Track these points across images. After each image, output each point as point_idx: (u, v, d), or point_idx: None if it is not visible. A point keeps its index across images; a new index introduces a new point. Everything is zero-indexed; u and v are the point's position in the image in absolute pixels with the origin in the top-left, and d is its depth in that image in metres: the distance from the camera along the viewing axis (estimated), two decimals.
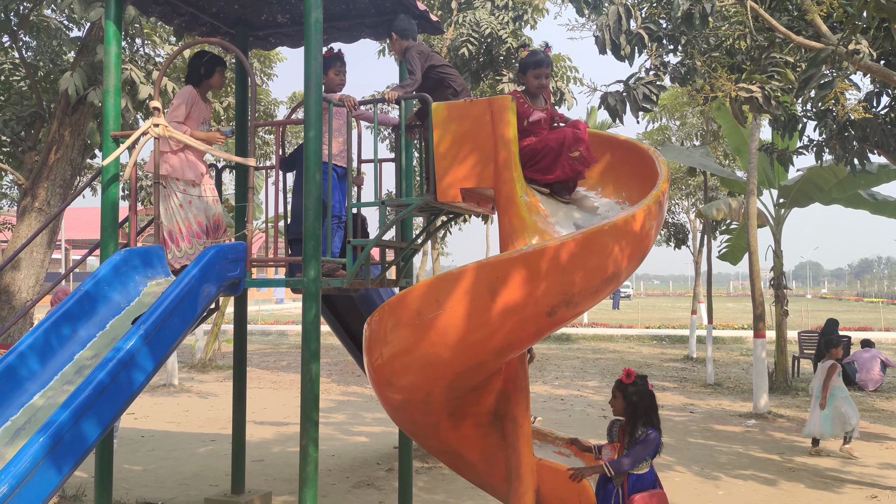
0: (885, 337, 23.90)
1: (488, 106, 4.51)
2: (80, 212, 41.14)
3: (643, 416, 4.40)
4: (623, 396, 4.46)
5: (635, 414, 4.41)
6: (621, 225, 4.15)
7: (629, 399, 4.43)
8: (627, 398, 4.44)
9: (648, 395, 4.45)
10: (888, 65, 6.56)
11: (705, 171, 15.61)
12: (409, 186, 5.55)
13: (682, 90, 15.16)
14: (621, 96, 6.46)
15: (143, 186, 16.50)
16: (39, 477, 3.30)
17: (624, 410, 4.46)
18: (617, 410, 4.52)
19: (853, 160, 7.83)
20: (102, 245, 5.07)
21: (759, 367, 11.15)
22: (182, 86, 5.81)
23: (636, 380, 4.47)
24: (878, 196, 14.40)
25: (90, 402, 3.57)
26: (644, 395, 4.44)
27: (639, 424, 4.40)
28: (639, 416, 4.40)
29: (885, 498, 6.85)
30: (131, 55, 8.31)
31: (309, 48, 4.73)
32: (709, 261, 16.07)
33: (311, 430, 4.57)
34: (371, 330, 4.34)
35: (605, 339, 24.75)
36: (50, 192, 7.65)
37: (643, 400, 4.42)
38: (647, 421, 4.41)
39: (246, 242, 4.87)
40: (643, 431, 4.38)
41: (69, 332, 4.17)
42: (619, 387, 4.49)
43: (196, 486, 7.23)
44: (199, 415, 11.15)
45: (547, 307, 4.00)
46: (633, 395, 4.43)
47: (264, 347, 22.20)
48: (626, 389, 4.45)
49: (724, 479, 7.53)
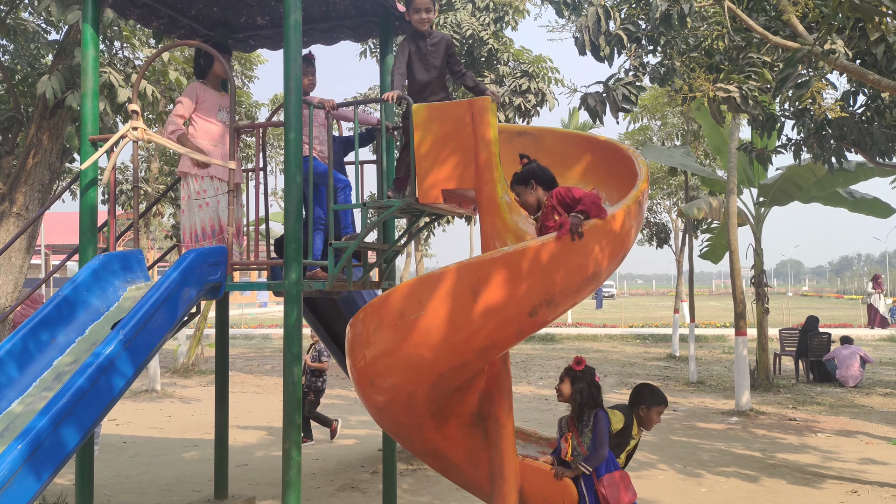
0: (864, 333, 24.17)
1: (469, 107, 4.52)
2: (60, 216, 40.74)
3: (589, 400, 4.56)
4: (571, 382, 4.61)
5: (581, 400, 4.57)
6: (602, 225, 4.17)
7: (577, 385, 4.58)
8: (575, 384, 4.59)
9: (594, 385, 4.62)
10: (864, 64, 6.64)
11: (686, 170, 15.73)
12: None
13: (661, 90, 15.27)
14: (601, 97, 6.49)
15: (123, 191, 16.39)
16: (18, 484, 3.27)
17: (570, 397, 4.61)
18: (563, 396, 4.65)
19: (831, 159, 7.91)
20: (81, 250, 5.03)
21: (740, 365, 11.24)
22: (160, 88, 5.78)
23: (585, 368, 4.64)
24: (857, 194, 14.58)
25: (69, 409, 3.54)
26: (590, 383, 4.60)
27: (585, 409, 4.56)
28: (584, 401, 4.56)
29: (865, 493, 6.93)
30: (110, 58, 8.25)
31: (288, 50, 4.71)
32: (690, 260, 16.19)
33: (294, 434, 4.55)
34: (354, 332, 4.33)
35: (589, 338, 24.85)
36: (28, 197, 7.56)
37: (589, 388, 4.58)
38: (592, 405, 4.56)
39: (227, 246, 4.84)
40: (589, 414, 4.53)
41: (48, 337, 4.13)
42: (569, 373, 4.65)
43: (179, 491, 7.18)
44: (181, 420, 11.08)
45: (528, 307, 4.02)
46: (580, 381, 4.58)
47: (248, 351, 22.09)
48: (574, 375, 4.62)
49: (707, 476, 7.58)
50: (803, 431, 9.77)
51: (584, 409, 4.56)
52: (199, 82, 5.50)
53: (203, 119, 5.35)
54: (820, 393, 13.07)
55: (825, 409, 11.45)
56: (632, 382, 14.52)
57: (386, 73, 6.14)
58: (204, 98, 5.40)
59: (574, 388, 4.59)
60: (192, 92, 5.39)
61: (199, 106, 5.36)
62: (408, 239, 6.29)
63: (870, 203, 14.61)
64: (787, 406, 11.74)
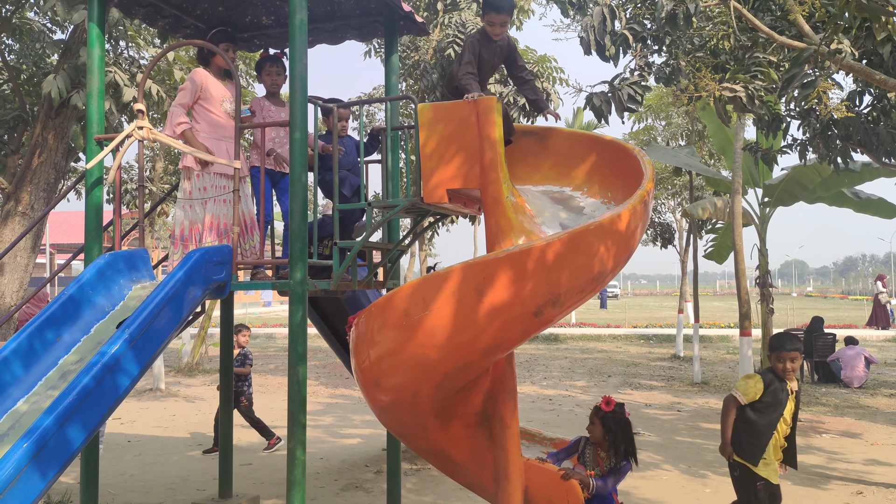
0: (869, 334, 24.10)
1: (474, 107, 4.51)
2: (66, 216, 40.83)
3: (623, 443, 4.56)
4: (601, 423, 4.58)
5: (615, 441, 4.56)
6: (607, 224, 4.17)
7: (608, 426, 4.56)
8: (606, 425, 4.57)
9: (625, 422, 4.59)
10: (870, 64, 6.62)
11: (691, 170, 15.69)
12: (396, 188, 5.55)
13: (666, 90, 15.24)
14: (606, 97, 6.48)
15: (129, 190, 16.42)
16: (24, 483, 3.27)
17: (603, 436, 4.59)
18: (595, 437, 4.64)
19: (836, 159, 7.89)
20: (87, 249, 5.04)
21: (745, 366, 11.21)
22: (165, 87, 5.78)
23: (615, 408, 4.59)
24: (862, 194, 14.53)
25: (75, 407, 3.54)
26: (621, 422, 4.57)
27: (620, 452, 4.57)
28: (619, 443, 4.56)
29: (870, 494, 6.91)
30: (115, 58, 8.26)
31: (294, 50, 4.72)
32: (695, 260, 16.15)
33: (299, 433, 4.55)
34: (358, 331, 4.33)
35: (593, 338, 24.82)
36: (34, 196, 7.58)
37: (621, 427, 4.56)
38: (626, 448, 4.57)
39: (232, 245, 4.84)
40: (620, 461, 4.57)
41: (53, 336, 4.14)
42: (598, 413, 4.61)
43: (183, 490, 7.19)
44: (186, 419, 11.09)
45: (533, 307, 4.01)
46: (611, 422, 4.56)
47: (252, 350, 22.10)
48: (604, 417, 4.58)
49: (712, 476, 7.56)
50: (808, 432, 9.74)
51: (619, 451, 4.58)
52: (203, 70, 5.37)
53: (206, 110, 5.25)
54: (825, 394, 13.03)
55: (830, 410, 11.42)
56: (636, 383, 14.50)
57: (391, 73, 6.14)
58: (207, 86, 5.28)
59: (605, 428, 4.57)
60: (196, 80, 5.26)
61: (202, 94, 5.25)
62: (412, 239, 6.29)
63: (875, 203, 14.55)
64: None
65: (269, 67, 5.68)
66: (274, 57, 5.73)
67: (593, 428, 4.63)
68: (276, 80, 5.67)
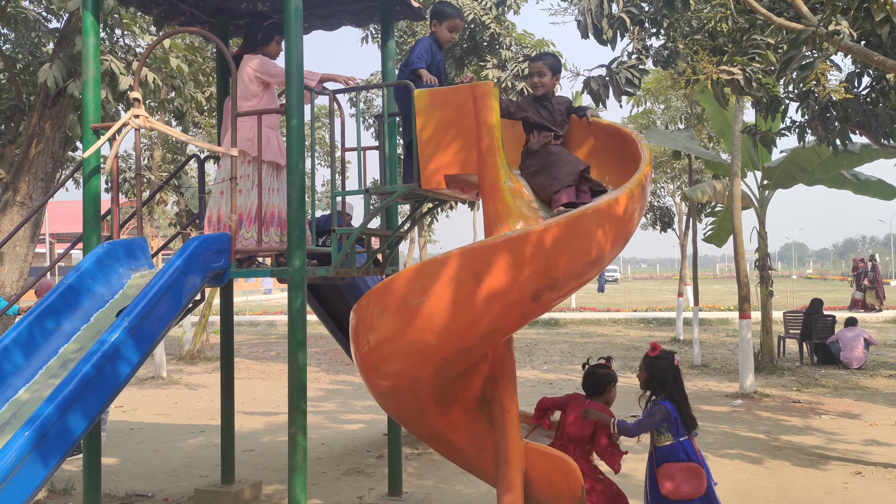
0: (868, 316, 24.15)
1: (471, 92, 4.50)
2: (65, 205, 40.84)
3: (657, 388, 4.65)
4: (646, 368, 4.72)
5: (650, 385, 4.69)
6: (605, 208, 4.17)
7: (651, 371, 4.68)
8: (649, 370, 4.69)
9: (668, 368, 4.64)
10: (868, 45, 6.60)
11: (690, 154, 15.66)
12: (394, 174, 5.54)
13: (665, 74, 15.19)
14: (604, 81, 6.47)
15: (127, 179, 16.39)
16: (26, 471, 3.30)
17: (647, 382, 4.72)
18: (642, 382, 4.76)
19: (835, 141, 7.88)
20: (85, 238, 5.04)
21: (744, 348, 11.25)
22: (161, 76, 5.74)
23: (661, 353, 4.71)
24: (861, 176, 14.52)
25: (76, 396, 3.56)
26: (661, 367, 4.65)
27: (652, 395, 4.68)
28: (653, 387, 4.67)
29: (869, 474, 6.95)
30: (111, 46, 8.23)
31: (289, 37, 4.70)
32: (694, 243, 16.16)
33: (300, 419, 4.58)
34: (357, 317, 4.34)
35: (593, 322, 24.87)
36: (32, 186, 7.58)
37: (660, 373, 4.64)
38: (660, 393, 4.63)
39: (230, 233, 4.85)
40: (652, 403, 4.66)
41: (53, 325, 4.16)
42: (644, 360, 4.76)
43: (186, 477, 7.24)
44: (188, 406, 11.14)
45: (531, 291, 4.02)
46: (652, 367, 4.69)
47: (253, 338, 22.17)
48: (648, 362, 4.72)
49: (711, 458, 7.61)
50: (807, 413, 9.79)
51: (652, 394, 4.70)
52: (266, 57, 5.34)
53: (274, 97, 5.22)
54: (824, 375, 13.08)
55: (829, 392, 11.47)
56: (636, 366, 14.52)
57: (388, 58, 6.12)
58: None
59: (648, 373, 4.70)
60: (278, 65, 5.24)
61: None
62: (411, 225, 6.29)
63: (874, 185, 14.55)
64: (791, 388, 11.76)
65: None
66: None
67: (640, 374, 4.76)
68: None
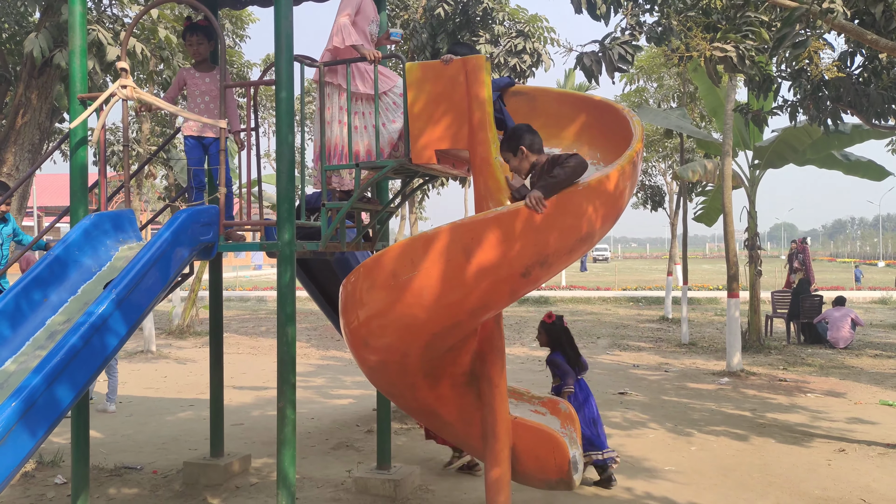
0: (856, 296, 24.35)
1: (462, 66, 4.47)
2: (52, 178, 40.49)
3: (555, 344, 6.13)
4: (545, 332, 6.18)
5: (549, 343, 6.17)
6: (595, 185, 4.16)
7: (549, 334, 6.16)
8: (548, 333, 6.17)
9: (560, 330, 6.13)
10: (862, 24, 6.58)
11: (682, 132, 15.66)
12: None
13: (658, 51, 15.12)
14: (597, 56, 6.43)
15: (115, 152, 16.24)
16: (13, 441, 3.29)
17: (548, 343, 6.17)
18: (542, 342, 6.22)
19: (827, 120, 7.88)
20: (72, 210, 4.99)
21: (732, 327, 11.33)
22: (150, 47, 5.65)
23: (555, 320, 6.18)
24: (852, 157, 14.56)
25: (63, 367, 3.55)
26: (555, 330, 6.13)
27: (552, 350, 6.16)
28: (552, 345, 6.15)
29: (853, 451, 7.04)
30: (98, 16, 8.11)
31: (279, 7, 4.64)
32: (684, 223, 16.20)
33: (288, 393, 4.58)
34: (347, 292, 4.34)
35: (583, 301, 24.98)
36: (18, 157, 7.50)
37: (555, 334, 6.14)
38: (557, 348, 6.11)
39: (219, 206, 4.81)
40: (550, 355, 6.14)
41: (40, 297, 4.13)
42: (542, 325, 6.20)
43: (175, 450, 7.25)
44: (177, 380, 11.15)
45: (521, 267, 4.02)
46: (550, 331, 6.15)
47: (243, 313, 22.16)
48: (547, 328, 6.17)
49: (697, 435, 7.69)
50: (793, 392, 9.89)
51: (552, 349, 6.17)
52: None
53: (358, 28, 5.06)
54: (811, 354, 13.20)
55: (815, 370, 11.58)
56: (625, 344, 14.64)
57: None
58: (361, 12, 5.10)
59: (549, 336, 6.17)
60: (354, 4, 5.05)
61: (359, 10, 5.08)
62: (401, 200, 6.27)
63: (864, 165, 14.60)
64: (778, 367, 11.87)
65: (189, 38, 5.50)
66: (194, 26, 5.52)
67: (540, 336, 6.20)
68: (197, 49, 5.47)
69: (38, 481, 6.23)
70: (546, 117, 5.18)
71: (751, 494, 5.84)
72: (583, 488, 5.88)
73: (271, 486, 6.01)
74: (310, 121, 19.42)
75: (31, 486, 6.09)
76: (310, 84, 5.71)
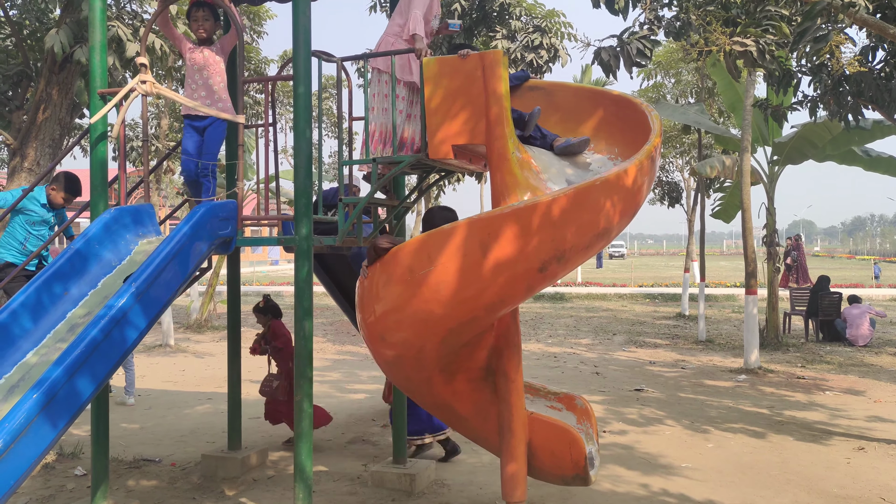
0: (874, 294, 24.10)
1: (480, 61, 4.46)
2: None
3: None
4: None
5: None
6: (613, 180, 4.14)
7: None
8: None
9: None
10: (884, 18, 6.49)
11: (700, 128, 15.54)
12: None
13: (676, 46, 15.01)
14: (615, 51, 6.39)
15: (134, 147, 16.38)
16: (34, 433, 3.33)
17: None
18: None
19: (847, 116, 7.78)
20: (92, 204, 5.04)
21: (750, 324, 11.25)
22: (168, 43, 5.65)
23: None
24: (872, 153, 14.38)
25: (83, 359, 3.59)
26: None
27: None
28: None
29: (872, 449, 6.98)
30: (118, 12, 8.17)
31: (297, 2, 4.65)
32: (702, 219, 16.09)
33: (306, 386, 4.61)
34: (364, 287, 4.35)
35: (599, 297, 24.89)
36: (39, 152, 7.57)
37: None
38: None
39: (237, 201, 4.84)
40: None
41: (61, 290, 4.17)
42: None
43: (193, 443, 7.31)
44: (195, 374, 11.23)
45: (538, 263, 4.01)
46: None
47: None
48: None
49: (714, 432, 7.64)
50: (811, 389, 9.81)
51: None
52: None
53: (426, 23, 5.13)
54: (829, 352, 13.09)
55: (834, 368, 11.48)
56: (641, 341, 14.58)
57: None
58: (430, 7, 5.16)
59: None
60: None
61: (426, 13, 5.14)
62: (418, 195, 6.27)
63: (885, 162, 14.40)
64: (796, 365, 11.78)
65: (195, 13, 5.40)
66: (200, 2, 5.43)
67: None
68: (202, 25, 5.33)
69: (58, 472, 6.30)
70: (563, 112, 5.17)
71: (768, 492, 5.80)
72: (599, 483, 5.87)
73: (288, 480, 6.05)
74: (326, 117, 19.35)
75: (51, 478, 6.17)
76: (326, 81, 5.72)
